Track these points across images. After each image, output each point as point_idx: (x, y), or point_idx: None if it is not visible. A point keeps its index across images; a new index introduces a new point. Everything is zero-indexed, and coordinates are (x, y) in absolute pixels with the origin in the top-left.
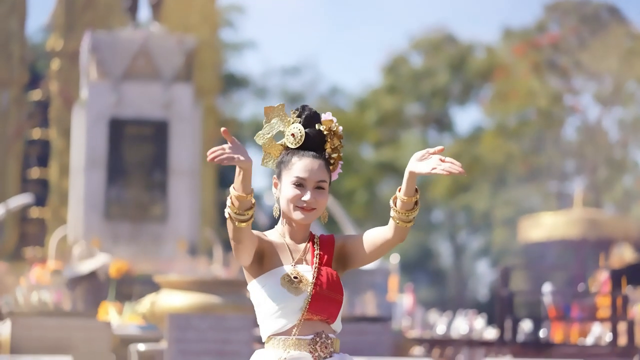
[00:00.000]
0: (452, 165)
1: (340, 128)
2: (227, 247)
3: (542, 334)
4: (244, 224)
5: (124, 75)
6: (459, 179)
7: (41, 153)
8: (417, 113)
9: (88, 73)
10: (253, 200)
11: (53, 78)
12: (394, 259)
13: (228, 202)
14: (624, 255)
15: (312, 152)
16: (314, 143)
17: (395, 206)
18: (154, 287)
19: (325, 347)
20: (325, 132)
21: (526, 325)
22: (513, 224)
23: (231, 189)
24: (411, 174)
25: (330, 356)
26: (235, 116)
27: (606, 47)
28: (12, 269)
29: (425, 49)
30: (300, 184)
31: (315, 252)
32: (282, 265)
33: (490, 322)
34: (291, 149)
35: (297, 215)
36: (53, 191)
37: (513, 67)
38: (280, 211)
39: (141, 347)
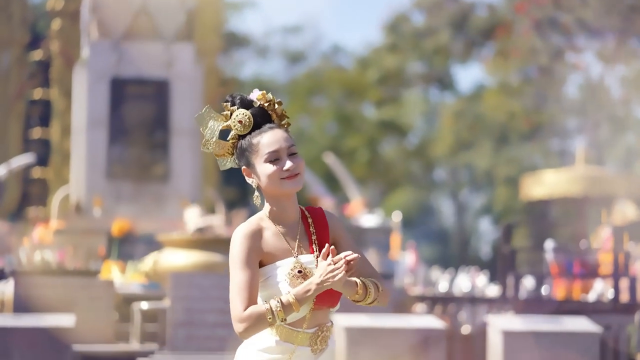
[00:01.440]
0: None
1: (270, 95)
2: (229, 205)
3: (544, 290)
4: (272, 327)
5: (125, 35)
6: (462, 136)
7: (43, 113)
8: (419, 71)
9: (89, 32)
10: None
11: (54, 38)
12: (396, 216)
13: (277, 306)
14: (626, 212)
15: (267, 126)
16: (261, 119)
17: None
18: (157, 246)
19: (324, 340)
20: (265, 105)
21: (528, 282)
22: (515, 182)
23: (291, 297)
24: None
25: (327, 347)
26: (236, 75)
27: (608, 4)
28: (15, 229)
29: (426, 7)
30: (275, 158)
31: (313, 238)
32: (283, 257)
33: (492, 279)
34: (244, 135)
35: (286, 185)
36: (55, 151)
37: (515, 24)
38: (261, 199)
39: (144, 305)
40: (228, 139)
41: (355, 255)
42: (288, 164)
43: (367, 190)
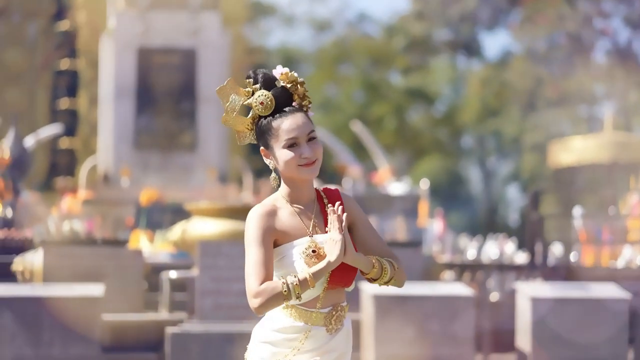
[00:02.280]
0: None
1: (296, 74)
2: (256, 174)
3: (572, 257)
4: (287, 303)
5: (151, 4)
6: (489, 103)
7: (70, 83)
8: (446, 39)
9: (115, 2)
10: None
11: (80, 8)
12: (424, 184)
13: (294, 281)
14: None
15: (287, 110)
16: (283, 101)
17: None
18: (185, 215)
19: (339, 320)
20: (288, 86)
21: (557, 249)
22: (543, 149)
23: (307, 274)
24: (334, 263)
25: (342, 326)
26: (262, 44)
27: None
28: (43, 199)
29: None
30: (293, 144)
31: (328, 218)
32: (298, 237)
33: (520, 246)
34: (265, 116)
35: (303, 172)
36: (82, 121)
37: None
38: (278, 179)
39: (172, 274)
40: (248, 117)
41: (337, 203)
42: (306, 151)
43: (395, 158)
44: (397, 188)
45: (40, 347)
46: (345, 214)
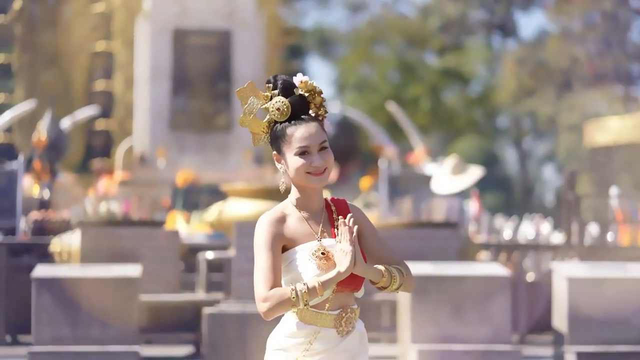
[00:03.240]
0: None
1: (315, 83)
2: None
3: (609, 237)
4: (295, 309)
5: None
6: (524, 83)
7: (106, 65)
8: (481, 18)
9: None
10: None
11: None
12: None
13: (303, 289)
14: None
15: (302, 118)
16: (299, 109)
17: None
18: (221, 196)
19: (349, 322)
20: (306, 95)
21: (593, 229)
22: (579, 129)
23: (316, 282)
24: (344, 274)
25: (353, 328)
26: (297, 25)
27: None
28: (80, 181)
29: None
30: (304, 152)
31: (336, 224)
32: (306, 241)
33: (556, 226)
34: (280, 122)
35: (312, 181)
36: (118, 103)
37: None
38: (288, 184)
39: (209, 254)
40: (265, 120)
41: (349, 215)
42: (317, 160)
43: (430, 139)
44: (432, 168)
45: (78, 327)
46: (356, 227)
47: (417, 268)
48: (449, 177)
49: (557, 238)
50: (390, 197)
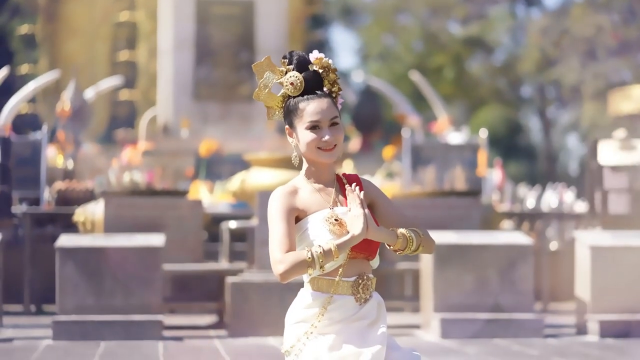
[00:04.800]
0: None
1: (331, 61)
2: None
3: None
4: (311, 271)
5: None
6: (548, 52)
7: (129, 35)
8: None
9: None
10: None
11: None
12: (483, 133)
13: (318, 250)
14: None
15: (316, 94)
16: (313, 85)
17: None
18: (244, 166)
19: (367, 289)
20: (320, 71)
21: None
22: (603, 98)
23: (332, 245)
24: (358, 237)
25: (370, 297)
26: None
27: None
28: (103, 151)
29: None
30: (315, 127)
31: (348, 197)
32: (319, 209)
33: (580, 195)
34: (294, 96)
35: (322, 156)
36: (142, 73)
37: None
38: (300, 159)
39: (232, 224)
40: (278, 94)
41: (354, 184)
42: (327, 135)
43: (454, 108)
44: (456, 138)
45: (102, 297)
46: (362, 192)
47: (440, 237)
48: (618, 152)
49: (581, 207)
50: (414, 166)
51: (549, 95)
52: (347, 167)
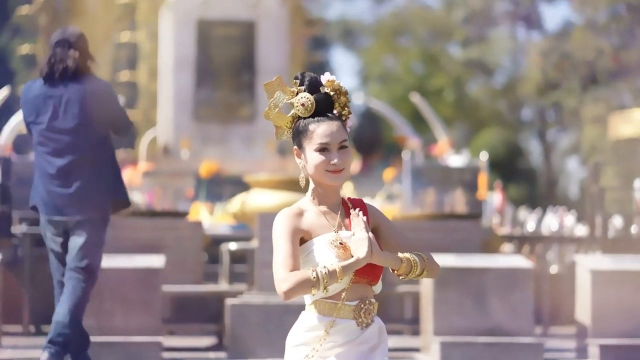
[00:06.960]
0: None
1: (342, 83)
2: None
3: (633, 230)
4: (314, 291)
5: None
6: (549, 75)
7: (130, 56)
8: (506, 10)
9: None
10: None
11: None
12: (483, 156)
13: (323, 271)
14: None
15: (326, 116)
16: (323, 107)
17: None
18: (244, 187)
19: (369, 314)
20: (331, 93)
21: (617, 222)
22: (603, 121)
23: (337, 266)
24: (362, 260)
25: (372, 321)
26: (322, 16)
27: None
28: None
29: None
30: (324, 149)
31: (352, 221)
32: (324, 232)
33: (580, 218)
34: (304, 117)
35: (329, 179)
36: (142, 93)
37: None
38: (307, 180)
39: (232, 246)
40: (289, 115)
41: (357, 208)
42: (336, 159)
43: (454, 130)
44: (456, 160)
45: (101, 317)
46: (365, 216)
47: (440, 260)
48: None
49: (581, 230)
50: (414, 188)
51: (549, 118)
52: (347, 189)
